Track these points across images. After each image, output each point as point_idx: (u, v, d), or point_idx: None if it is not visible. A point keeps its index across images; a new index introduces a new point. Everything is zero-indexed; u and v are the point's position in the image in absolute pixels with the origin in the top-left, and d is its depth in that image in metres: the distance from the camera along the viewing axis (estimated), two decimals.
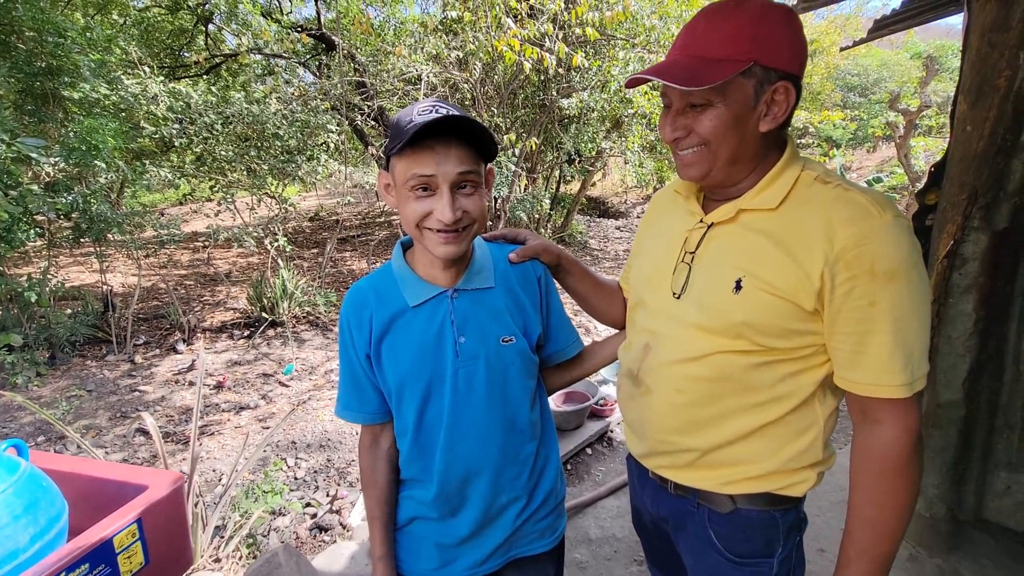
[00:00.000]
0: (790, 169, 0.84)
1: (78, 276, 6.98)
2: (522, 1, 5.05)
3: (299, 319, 5.34)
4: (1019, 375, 1.63)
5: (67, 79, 4.28)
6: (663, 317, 0.94)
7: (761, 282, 0.81)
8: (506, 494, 1.01)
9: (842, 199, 0.79)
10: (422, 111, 0.84)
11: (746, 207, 0.85)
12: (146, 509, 0.89)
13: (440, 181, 0.86)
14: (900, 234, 0.76)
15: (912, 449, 0.80)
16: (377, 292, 0.98)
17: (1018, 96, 1.48)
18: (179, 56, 8.01)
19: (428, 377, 0.95)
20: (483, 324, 0.96)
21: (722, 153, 0.83)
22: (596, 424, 2.89)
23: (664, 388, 0.93)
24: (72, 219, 4.40)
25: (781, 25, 0.79)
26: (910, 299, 0.76)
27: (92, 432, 3.38)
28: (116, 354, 4.59)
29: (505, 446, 0.99)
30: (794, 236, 0.80)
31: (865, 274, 0.76)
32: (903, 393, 0.77)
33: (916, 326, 0.78)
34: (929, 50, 14.80)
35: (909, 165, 7.81)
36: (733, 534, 0.92)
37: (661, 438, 0.95)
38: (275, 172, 5.61)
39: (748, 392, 0.86)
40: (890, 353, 0.77)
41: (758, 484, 0.89)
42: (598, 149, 6.75)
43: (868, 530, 0.82)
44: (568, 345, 1.11)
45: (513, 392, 0.99)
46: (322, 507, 2.60)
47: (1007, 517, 1.71)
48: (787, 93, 0.80)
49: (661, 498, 1.01)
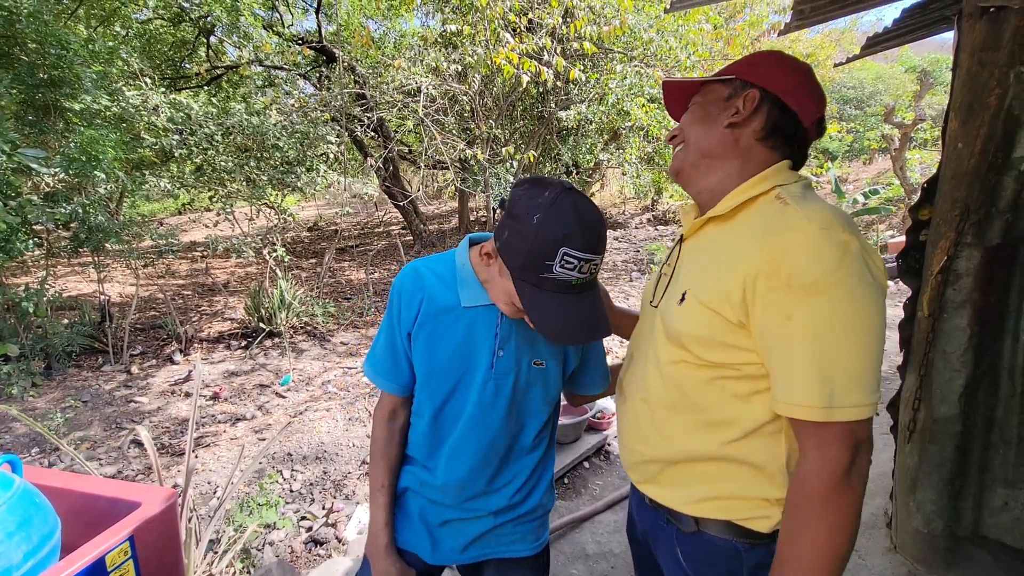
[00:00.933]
0: (760, 185, 0.85)
1: (76, 286, 6.98)
2: (521, 15, 5.11)
3: (297, 329, 5.33)
4: (1015, 390, 1.63)
5: (68, 90, 4.31)
6: (644, 327, 0.99)
7: (697, 293, 0.83)
8: (498, 499, 1.05)
9: (781, 212, 0.78)
10: (567, 264, 0.83)
11: (711, 215, 0.89)
12: (139, 527, 0.89)
13: None
14: (826, 248, 0.72)
15: (833, 484, 0.72)
16: (433, 280, 1.01)
17: (1008, 114, 1.50)
18: (180, 68, 8.07)
19: (458, 378, 0.99)
20: (521, 344, 1.00)
21: (691, 142, 0.93)
22: (593, 437, 2.88)
23: (635, 397, 0.96)
24: (71, 229, 4.41)
25: (772, 59, 0.90)
26: (832, 317, 0.71)
27: (87, 444, 3.36)
28: (112, 365, 4.57)
29: (506, 457, 1.04)
30: (731, 248, 0.81)
31: (782, 286, 0.73)
32: (816, 416, 0.72)
33: (840, 346, 0.71)
34: (923, 64, 14.98)
35: (905, 177, 7.87)
36: (697, 556, 0.90)
37: (631, 447, 0.97)
38: (274, 182, 5.64)
39: (700, 409, 0.86)
40: (802, 370, 0.72)
41: (718, 509, 0.86)
42: (596, 161, 6.80)
43: (783, 569, 0.76)
44: (596, 382, 1.15)
45: (529, 414, 1.04)
46: (318, 520, 2.58)
47: (1005, 533, 1.70)
48: (753, 97, 0.87)
49: (643, 510, 1.03)
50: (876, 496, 2.26)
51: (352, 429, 3.48)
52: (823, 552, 0.72)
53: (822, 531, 0.72)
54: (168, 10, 6.73)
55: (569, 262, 0.83)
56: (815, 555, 0.72)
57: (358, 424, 3.55)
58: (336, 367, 4.52)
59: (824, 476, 0.72)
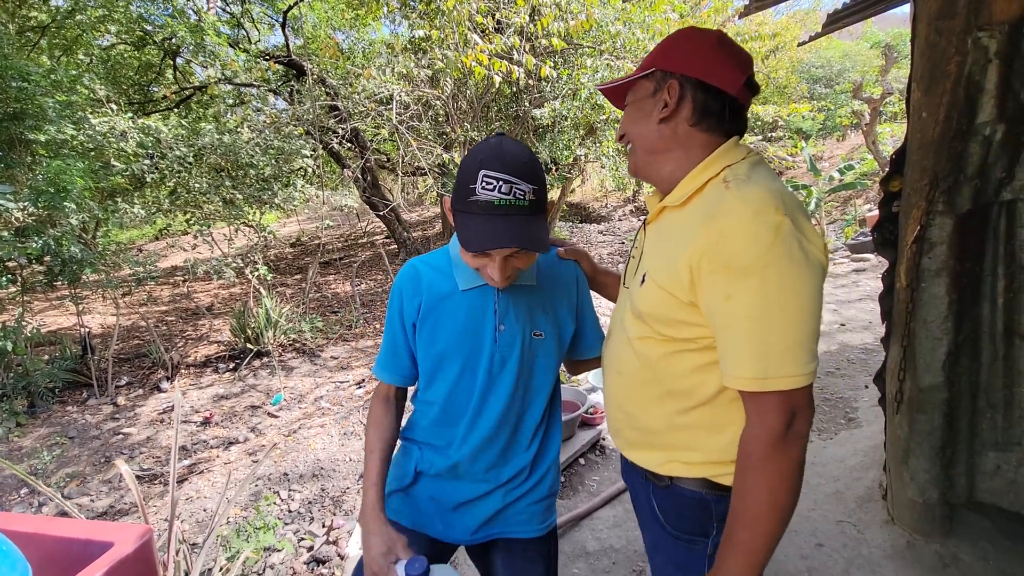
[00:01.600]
0: (708, 171, 0.89)
1: (55, 320, 6.84)
2: (488, 16, 5.09)
3: (285, 347, 5.27)
4: (997, 354, 1.64)
5: (32, 122, 4.22)
6: (618, 306, 1.07)
7: (654, 275, 0.90)
8: (508, 469, 1.11)
9: (723, 197, 0.82)
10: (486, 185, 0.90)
11: (666, 204, 0.94)
12: (112, 567, 0.85)
13: (495, 255, 0.95)
14: (759, 231, 0.77)
15: (769, 447, 0.79)
16: (431, 271, 1.09)
17: (969, 80, 1.50)
18: (148, 91, 7.95)
19: (467, 354, 1.06)
20: (521, 317, 1.07)
21: (636, 142, 0.97)
22: (587, 433, 2.86)
23: (611, 370, 1.05)
24: (44, 263, 4.31)
25: (683, 40, 0.93)
26: (765, 296, 0.76)
27: (76, 480, 3.29)
28: (98, 397, 4.49)
29: (517, 426, 1.11)
30: (681, 233, 0.87)
31: (721, 268, 0.79)
32: (752, 387, 0.79)
33: (775, 322, 0.77)
34: (887, 39, 15.18)
35: (878, 151, 7.97)
36: (671, 508, 0.98)
37: (611, 415, 1.07)
38: (251, 201, 5.57)
39: (665, 380, 0.93)
40: (741, 345, 0.79)
41: (689, 468, 0.95)
42: (574, 156, 6.80)
43: (733, 522, 0.83)
44: (595, 346, 1.21)
45: (535, 383, 1.11)
46: (318, 539, 2.54)
47: (999, 497, 1.71)
48: (677, 88, 0.90)
49: (627, 472, 1.11)
50: (871, 469, 2.27)
51: (348, 443, 3.44)
52: (766, 507, 0.80)
53: (763, 488, 0.80)
54: (131, 34, 6.63)
55: (488, 183, 0.90)
56: (759, 510, 0.80)
57: (354, 438, 3.51)
58: (328, 382, 4.47)
59: (762, 440, 0.80)
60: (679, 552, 0.98)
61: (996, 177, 1.54)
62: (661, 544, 1.02)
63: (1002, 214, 1.57)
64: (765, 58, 10.57)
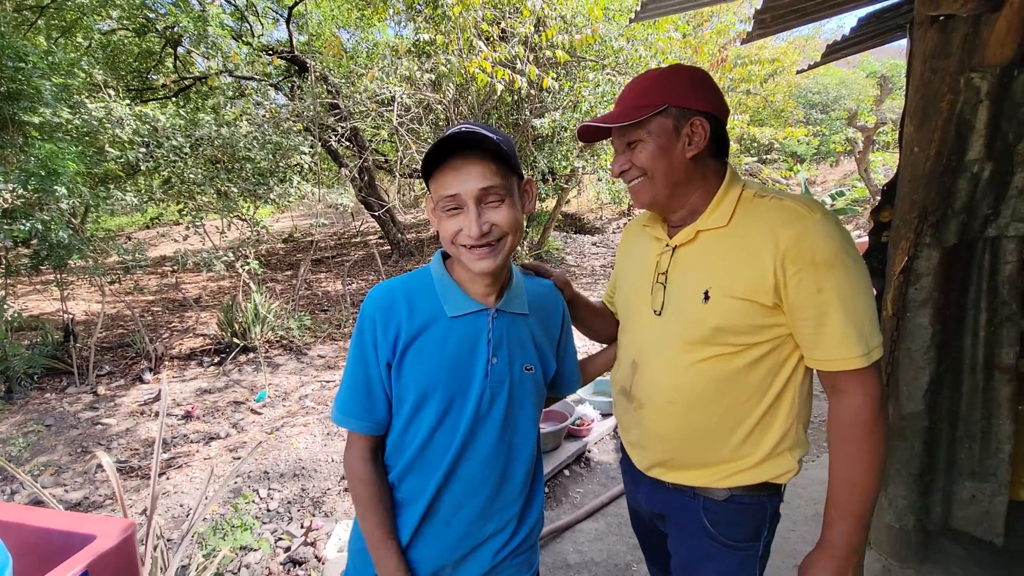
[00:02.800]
0: (732, 190, 0.99)
1: (37, 305, 6.72)
2: (494, 24, 5.14)
3: (272, 344, 5.22)
4: (976, 386, 1.68)
5: (27, 104, 4.17)
6: (647, 335, 1.06)
7: (724, 289, 0.94)
8: (493, 523, 1.00)
9: (778, 208, 0.94)
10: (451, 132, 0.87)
11: (703, 227, 1.00)
12: (93, 561, 0.84)
13: (465, 198, 0.88)
14: (830, 228, 0.89)
15: (876, 412, 0.90)
16: (410, 297, 0.96)
17: (960, 119, 1.55)
18: (147, 79, 7.89)
19: (454, 391, 0.93)
20: (513, 349, 0.98)
21: (659, 178, 0.99)
22: (573, 444, 2.87)
23: (657, 400, 1.03)
24: (31, 246, 4.25)
25: (684, 76, 0.99)
26: (850, 281, 0.88)
27: (51, 470, 3.22)
28: (78, 386, 4.41)
29: (505, 473, 0.99)
30: (745, 245, 0.94)
31: (808, 265, 0.88)
32: (861, 363, 0.88)
33: (861, 303, 0.89)
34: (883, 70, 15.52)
35: (869, 179, 8.12)
36: (727, 520, 1.01)
37: (662, 448, 1.05)
38: (246, 194, 5.53)
39: (733, 391, 0.97)
40: (843, 330, 0.88)
41: (751, 476, 0.99)
42: (572, 167, 6.84)
43: (847, 489, 0.92)
44: (572, 383, 1.18)
45: (524, 422, 1.01)
46: (296, 540, 2.51)
47: (973, 526, 1.74)
48: (702, 125, 0.96)
49: (656, 494, 1.10)
50: None
51: (331, 444, 3.42)
52: (877, 469, 0.90)
53: (874, 452, 0.90)
54: (133, 20, 6.58)
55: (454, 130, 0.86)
56: (872, 473, 0.90)
57: (337, 438, 3.48)
58: (314, 381, 4.43)
59: (870, 408, 0.89)
60: (731, 561, 1.02)
61: (982, 214, 1.58)
62: (710, 556, 1.03)
63: (987, 250, 1.61)
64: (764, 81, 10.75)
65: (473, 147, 0.87)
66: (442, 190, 0.89)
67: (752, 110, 10.55)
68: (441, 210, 0.90)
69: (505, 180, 0.90)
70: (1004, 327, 1.62)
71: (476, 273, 0.92)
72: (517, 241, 0.94)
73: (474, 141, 0.85)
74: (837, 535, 0.93)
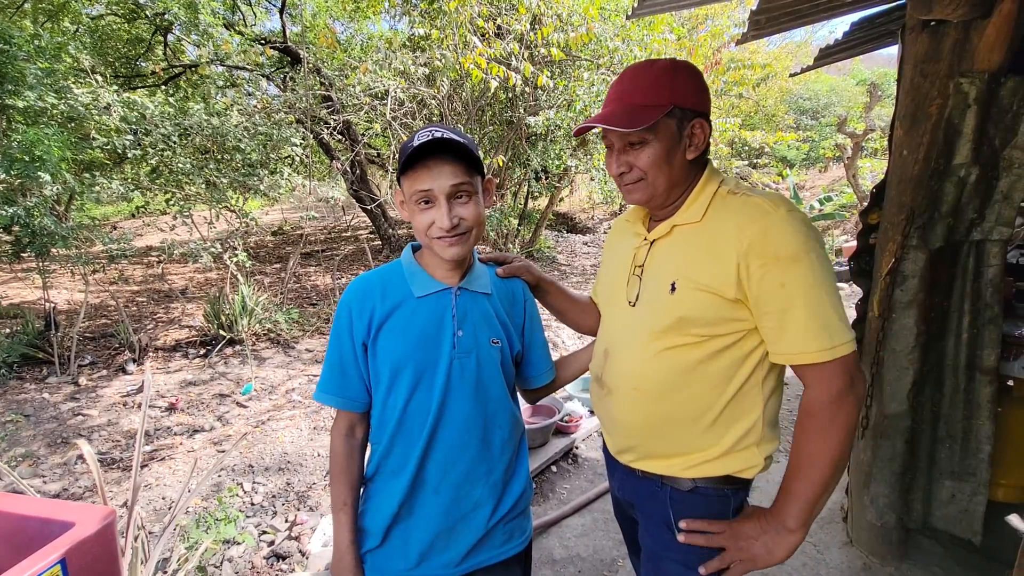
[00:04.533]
0: (709, 186, 1.01)
1: (18, 293, 6.59)
2: (489, 21, 5.12)
3: (259, 336, 5.16)
4: (958, 387, 1.71)
5: (11, 87, 4.07)
6: (620, 324, 1.09)
7: (690, 281, 0.96)
8: (479, 487, 1.06)
9: (745, 204, 0.95)
10: (421, 136, 0.97)
11: (678, 222, 1.02)
12: (71, 548, 0.83)
13: (437, 194, 0.98)
14: (794, 224, 0.90)
15: (832, 407, 0.90)
16: (383, 283, 1.07)
17: (948, 123, 1.57)
18: (136, 66, 7.76)
19: (423, 364, 1.02)
20: (478, 324, 1.07)
21: (659, 182, 1.00)
22: (561, 441, 2.88)
23: (624, 387, 1.05)
24: (12, 232, 4.16)
25: (688, 75, 0.99)
26: (814, 276, 0.89)
27: (29, 461, 3.16)
28: (58, 376, 4.33)
29: (484, 439, 1.07)
30: (713, 240, 0.96)
31: (772, 260, 0.89)
32: (823, 357, 0.89)
33: (826, 298, 0.89)
34: (873, 77, 15.72)
35: (857, 185, 8.22)
36: (691, 511, 1.03)
37: (628, 434, 1.07)
38: (235, 185, 5.46)
39: (696, 381, 0.98)
40: (805, 324, 0.89)
41: (715, 467, 1.00)
42: (565, 166, 6.85)
43: (798, 479, 0.94)
44: (542, 373, 1.23)
45: (495, 391, 1.08)
46: (280, 534, 2.49)
47: (953, 525, 1.77)
48: (703, 127, 0.99)
49: (629, 482, 1.13)
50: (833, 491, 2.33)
51: (317, 438, 3.39)
52: (830, 461, 0.91)
53: (832, 444, 0.90)
54: (122, 6, 6.46)
55: (423, 133, 0.97)
56: (824, 464, 0.91)
57: (323, 433, 3.45)
58: (301, 375, 4.39)
59: (828, 402, 0.90)
60: (693, 553, 1.02)
61: (968, 217, 1.61)
62: (674, 546, 1.04)
63: (971, 253, 1.64)
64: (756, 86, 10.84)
65: (446, 151, 0.97)
66: (417, 185, 0.99)
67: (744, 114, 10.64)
68: (414, 204, 1.01)
69: (471, 179, 1.01)
70: (986, 329, 1.64)
71: (446, 259, 1.03)
72: (481, 233, 1.06)
73: (447, 145, 0.96)
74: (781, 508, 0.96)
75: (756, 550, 0.98)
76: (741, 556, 0.99)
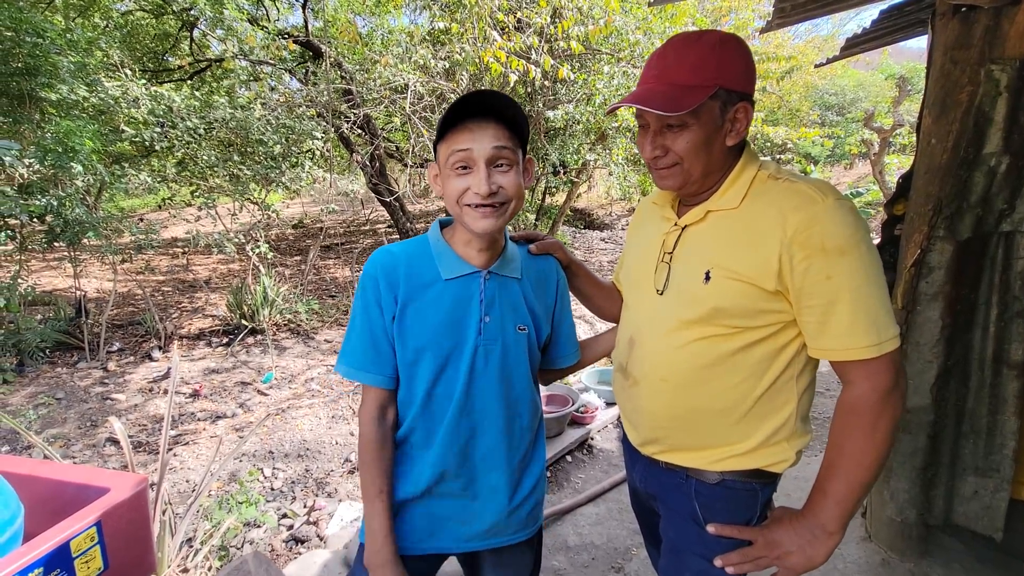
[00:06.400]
0: (747, 171, 0.95)
1: (50, 281, 6.81)
2: (509, 14, 5.11)
3: (280, 327, 5.27)
4: (984, 381, 1.67)
5: (44, 80, 4.20)
6: (646, 313, 1.03)
7: (726, 271, 0.91)
8: (496, 473, 1.04)
9: (790, 190, 0.89)
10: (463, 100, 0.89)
11: (713, 208, 0.96)
12: (106, 512, 0.86)
13: (477, 156, 0.91)
14: (843, 214, 0.85)
15: (879, 405, 0.86)
16: (409, 259, 1.01)
17: (979, 111, 1.53)
18: (163, 60, 7.92)
19: (449, 348, 0.99)
20: (505, 309, 1.02)
21: (695, 169, 0.94)
22: (576, 431, 2.88)
23: (650, 378, 1.01)
24: (46, 222, 4.30)
25: (736, 53, 0.91)
26: (863, 270, 0.84)
27: (60, 442, 3.28)
28: (88, 361, 4.47)
29: (506, 427, 1.04)
30: (753, 227, 0.90)
31: (818, 252, 0.84)
32: (871, 354, 0.84)
33: (874, 293, 0.85)
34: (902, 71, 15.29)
35: (883, 182, 8.03)
36: (717, 504, 0.99)
37: (654, 425, 1.03)
38: (258, 178, 5.56)
39: (727, 374, 0.94)
40: (852, 320, 0.84)
41: (744, 461, 0.97)
42: (583, 161, 6.81)
43: (836, 478, 0.89)
44: (568, 355, 1.19)
45: (519, 378, 1.05)
46: (299, 518, 2.54)
47: (975, 522, 1.74)
48: (746, 111, 0.92)
49: (652, 474, 1.09)
50: None
51: (335, 427, 3.45)
52: (870, 462, 0.87)
53: (876, 444, 0.86)
54: (150, 2, 6.60)
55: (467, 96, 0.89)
56: (868, 464, 0.87)
57: (341, 422, 3.52)
58: (320, 364, 4.47)
59: (875, 400, 0.86)
60: (719, 548, 0.98)
61: (998, 208, 1.57)
62: (699, 540, 1.00)
63: (1000, 244, 1.59)
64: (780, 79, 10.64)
65: (489, 112, 0.91)
66: (455, 145, 0.91)
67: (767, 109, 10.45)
68: (449, 167, 0.93)
69: (515, 148, 0.94)
70: (1014, 323, 1.60)
71: (477, 233, 0.95)
72: (518, 208, 0.99)
73: (492, 105, 0.89)
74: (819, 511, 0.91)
75: (794, 560, 0.92)
76: (779, 564, 0.94)
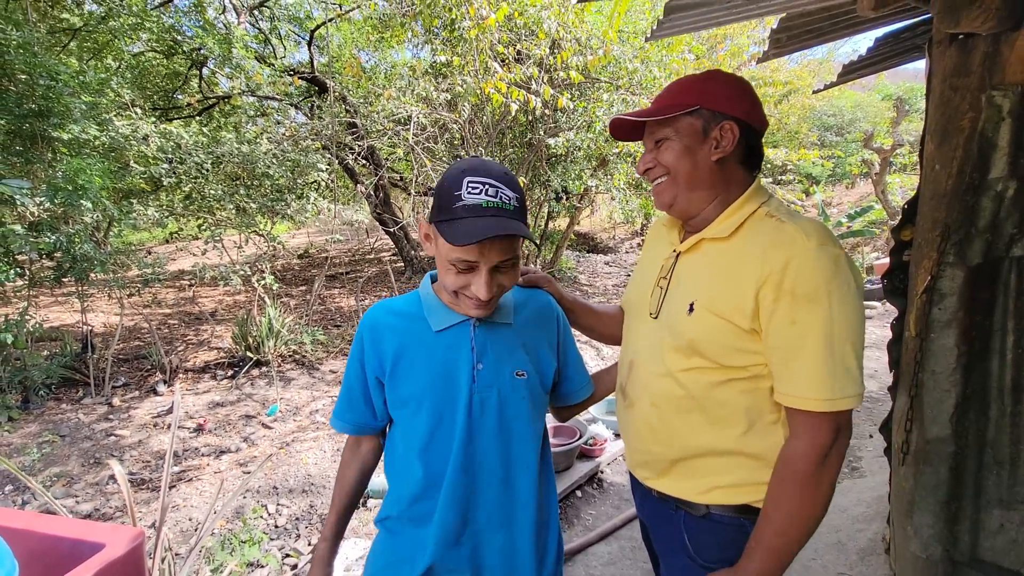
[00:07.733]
0: (748, 205, 0.96)
1: (58, 316, 6.85)
2: (509, 46, 5.23)
3: (285, 358, 5.25)
4: (1004, 410, 1.62)
5: (57, 120, 4.31)
6: (643, 336, 1.06)
7: (707, 304, 0.92)
8: (500, 534, 1.00)
9: (777, 229, 0.89)
10: (472, 189, 0.86)
11: (706, 236, 0.98)
12: (102, 569, 0.84)
13: (482, 265, 0.90)
14: (823, 261, 0.83)
15: (815, 464, 0.85)
16: (400, 315, 1.03)
17: (982, 137, 1.53)
18: (172, 98, 8.13)
19: (443, 398, 0.98)
20: (500, 355, 1.01)
21: (681, 179, 0.97)
22: (586, 465, 2.82)
23: (642, 402, 1.03)
24: (55, 258, 4.35)
25: (722, 81, 0.98)
26: (830, 320, 0.82)
27: (63, 480, 3.24)
28: (93, 397, 4.46)
29: (506, 479, 1.00)
30: (737, 263, 0.91)
31: (787, 295, 0.84)
32: (819, 407, 0.83)
33: (838, 347, 0.83)
34: (899, 92, 15.48)
35: (887, 200, 8.03)
36: (705, 538, 0.99)
37: (641, 447, 1.05)
38: (264, 210, 5.63)
39: (710, 409, 0.94)
40: (808, 369, 0.83)
41: (730, 495, 0.96)
42: (585, 186, 6.87)
43: (766, 526, 0.88)
44: (581, 388, 1.17)
45: (520, 427, 1.02)
46: (303, 557, 2.48)
47: (1002, 556, 1.67)
48: (732, 130, 0.94)
49: (646, 502, 1.10)
50: (874, 521, 2.22)
51: (339, 460, 3.40)
52: (803, 517, 0.86)
53: (805, 500, 0.86)
54: (161, 43, 6.82)
55: (474, 187, 0.87)
56: (796, 518, 0.86)
57: None
58: (325, 396, 4.43)
59: (811, 456, 0.85)
60: None
61: (1007, 232, 1.55)
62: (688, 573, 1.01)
63: (1013, 269, 1.57)
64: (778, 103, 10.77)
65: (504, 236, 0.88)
66: (460, 254, 0.89)
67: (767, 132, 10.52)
68: (448, 262, 0.91)
69: (518, 247, 0.96)
70: None
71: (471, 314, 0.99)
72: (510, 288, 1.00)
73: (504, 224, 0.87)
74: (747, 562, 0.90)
75: None
76: None
